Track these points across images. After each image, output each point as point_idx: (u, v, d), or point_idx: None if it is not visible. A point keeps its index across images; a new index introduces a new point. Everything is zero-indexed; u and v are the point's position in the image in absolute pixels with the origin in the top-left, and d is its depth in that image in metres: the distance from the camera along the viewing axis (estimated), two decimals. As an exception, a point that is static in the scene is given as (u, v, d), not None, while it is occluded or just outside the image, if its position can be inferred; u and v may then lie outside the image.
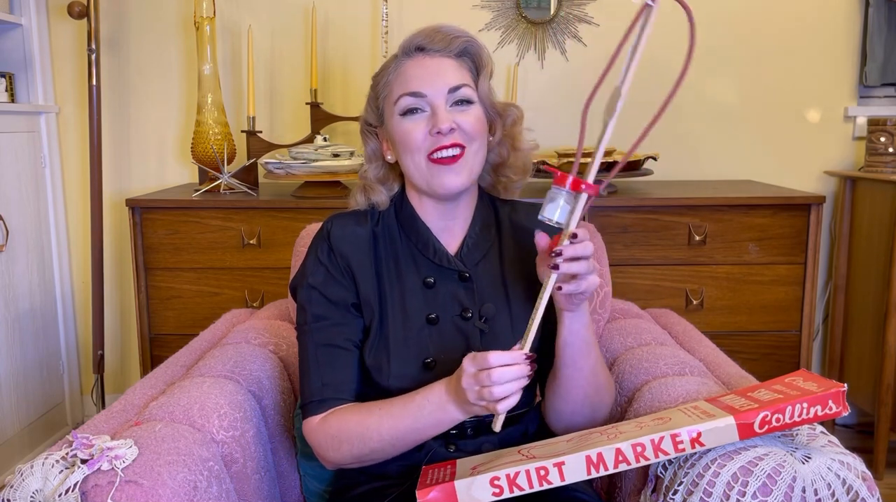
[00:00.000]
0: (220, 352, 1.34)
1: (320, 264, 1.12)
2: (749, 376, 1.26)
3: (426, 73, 1.07)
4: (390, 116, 1.10)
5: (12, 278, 2.24)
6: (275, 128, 2.51)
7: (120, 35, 2.47)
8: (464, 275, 1.12)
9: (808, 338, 2.15)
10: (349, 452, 1.06)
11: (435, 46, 1.09)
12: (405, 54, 1.10)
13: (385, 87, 1.11)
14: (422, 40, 1.09)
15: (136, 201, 2.09)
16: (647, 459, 0.92)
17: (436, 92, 1.06)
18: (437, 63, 1.08)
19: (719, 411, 0.95)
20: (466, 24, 2.38)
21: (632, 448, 0.92)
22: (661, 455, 0.92)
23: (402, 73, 1.09)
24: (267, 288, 2.12)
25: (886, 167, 2.24)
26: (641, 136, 0.92)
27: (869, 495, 0.89)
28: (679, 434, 0.91)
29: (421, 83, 1.07)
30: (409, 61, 1.09)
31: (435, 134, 1.05)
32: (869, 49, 2.42)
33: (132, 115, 2.51)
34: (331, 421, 1.07)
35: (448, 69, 1.08)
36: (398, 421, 1.02)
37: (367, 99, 1.16)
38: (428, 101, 1.07)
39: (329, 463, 1.10)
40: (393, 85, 1.09)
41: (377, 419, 1.03)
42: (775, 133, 2.52)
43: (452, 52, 1.09)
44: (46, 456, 0.92)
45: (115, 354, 2.60)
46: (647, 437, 0.92)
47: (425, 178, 1.08)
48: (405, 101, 1.07)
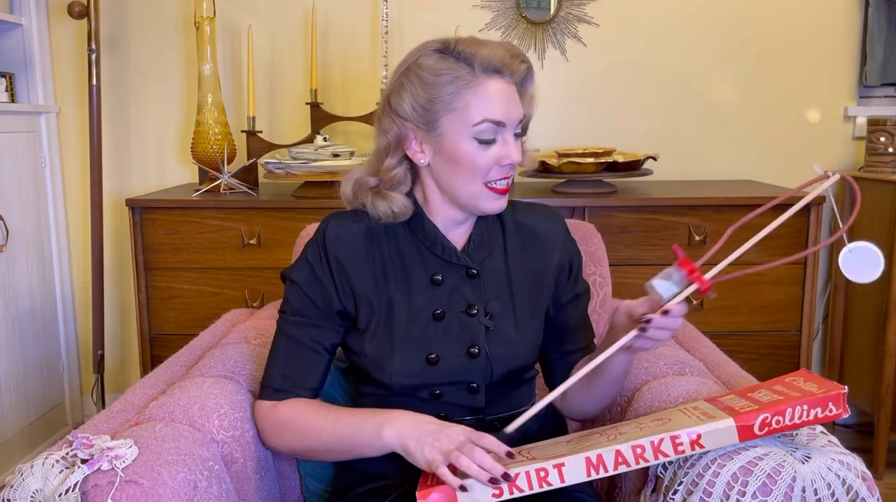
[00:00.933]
0: (220, 352, 1.34)
1: (307, 262, 1.13)
2: (749, 376, 1.26)
3: (506, 100, 1.05)
4: (457, 133, 1.05)
5: (12, 278, 2.24)
6: (275, 128, 2.51)
7: (120, 35, 2.47)
8: (471, 271, 1.12)
9: (808, 338, 2.15)
10: (288, 444, 1.11)
11: (509, 72, 1.06)
12: (484, 72, 1.04)
13: (455, 96, 1.04)
14: (500, 62, 1.05)
15: (136, 201, 2.09)
16: (647, 460, 0.92)
17: (512, 124, 1.06)
18: (510, 90, 1.07)
19: (720, 412, 0.95)
20: (466, 23, 2.41)
21: (631, 450, 0.92)
22: (660, 456, 0.92)
23: (484, 94, 1.04)
24: (267, 288, 2.12)
25: (886, 167, 2.24)
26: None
27: (869, 495, 0.89)
28: (679, 435, 0.91)
29: (504, 113, 1.05)
30: (490, 81, 1.04)
31: (505, 165, 1.06)
32: (869, 49, 2.42)
33: (132, 115, 2.51)
34: (281, 409, 1.11)
35: (516, 100, 1.08)
36: (341, 428, 1.05)
37: (399, 86, 1.07)
38: (505, 132, 1.06)
39: (269, 447, 1.16)
40: (469, 100, 1.03)
41: (323, 421, 1.07)
42: (775, 133, 2.52)
43: (517, 78, 1.08)
44: (46, 456, 0.92)
45: (115, 354, 2.60)
46: (646, 439, 0.92)
47: (472, 199, 1.08)
48: (487, 128, 1.04)
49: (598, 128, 2.50)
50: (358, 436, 1.04)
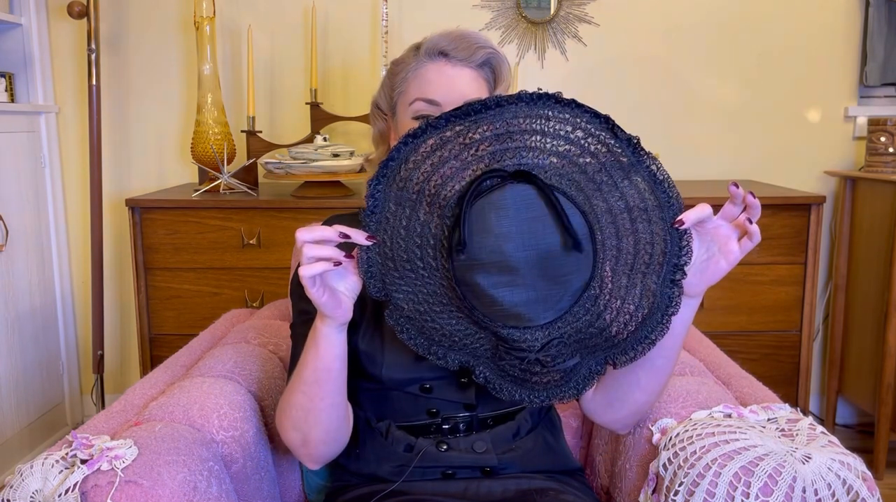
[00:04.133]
0: (220, 352, 1.34)
1: None
2: (749, 376, 1.26)
3: (445, 80, 1.07)
4: (402, 113, 1.11)
5: (12, 278, 2.24)
6: (275, 129, 2.51)
7: (120, 35, 2.47)
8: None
9: (808, 338, 2.15)
10: (282, 427, 1.05)
11: (458, 55, 1.07)
12: (427, 55, 1.09)
13: (402, 82, 1.11)
14: (446, 45, 1.08)
15: (136, 201, 2.09)
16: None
17: (450, 102, 1.06)
18: (457, 72, 1.08)
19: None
20: (466, 23, 2.41)
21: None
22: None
23: (422, 76, 1.08)
24: (267, 288, 2.12)
25: (886, 167, 2.24)
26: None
27: (869, 495, 0.89)
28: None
29: (437, 91, 1.07)
30: (430, 64, 1.08)
31: None
32: (869, 49, 2.42)
33: (132, 115, 2.51)
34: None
35: (466, 80, 1.08)
36: (297, 378, 1.01)
37: (381, 83, 1.17)
38: (441, 109, 1.06)
39: (287, 441, 1.08)
40: (410, 84, 1.09)
41: (291, 380, 1.03)
42: (775, 133, 2.52)
43: (474, 62, 1.09)
44: (46, 456, 0.92)
45: (115, 354, 2.60)
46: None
47: None
48: (418, 106, 1.08)
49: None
50: (305, 367, 0.99)
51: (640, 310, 0.89)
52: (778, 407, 1.09)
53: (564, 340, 0.89)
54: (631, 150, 0.88)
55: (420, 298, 0.91)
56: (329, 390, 1.00)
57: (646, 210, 0.88)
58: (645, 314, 0.89)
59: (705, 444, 0.96)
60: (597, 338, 0.90)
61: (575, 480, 1.16)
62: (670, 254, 0.89)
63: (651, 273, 0.89)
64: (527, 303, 0.86)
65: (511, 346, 0.89)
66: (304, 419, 1.03)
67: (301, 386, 1.00)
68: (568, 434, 1.34)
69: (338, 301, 0.92)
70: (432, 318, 0.91)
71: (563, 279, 0.86)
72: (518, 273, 0.85)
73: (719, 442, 0.95)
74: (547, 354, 0.88)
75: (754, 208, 0.90)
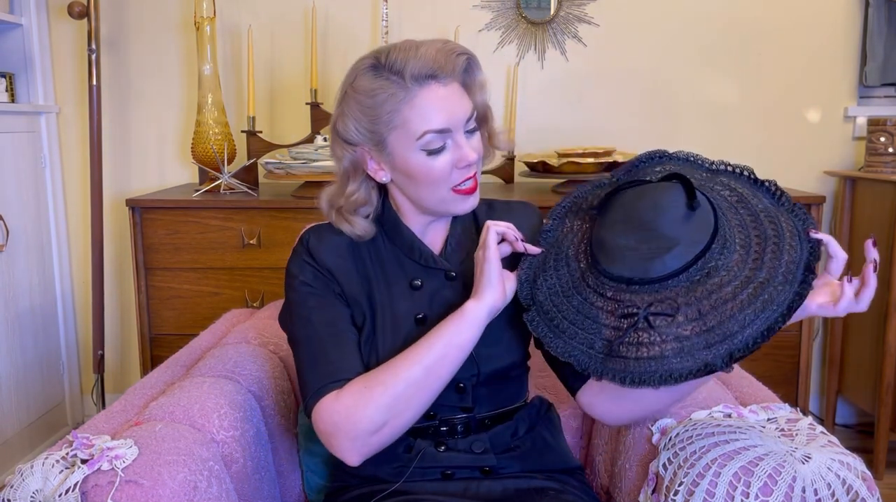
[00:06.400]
0: (220, 352, 1.34)
1: (306, 265, 1.12)
2: (749, 376, 1.26)
3: (443, 104, 1.03)
4: (405, 148, 1.04)
5: (12, 278, 2.24)
6: (275, 129, 2.51)
7: (120, 35, 2.47)
8: (450, 274, 1.13)
9: (808, 338, 2.15)
10: (375, 405, 1.00)
11: (444, 72, 1.03)
12: (415, 82, 1.02)
13: (393, 114, 1.03)
14: (432, 66, 1.03)
15: (136, 201, 2.09)
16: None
17: (458, 126, 1.05)
18: (449, 92, 1.04)
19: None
20: (466, 23, 2.41)
21: None
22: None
23: (420, 106, 1.02)
24: (267, 288, 2.12)
25: (886, 167, 2.24)
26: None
27: (869, 495, 0.89)
28: None
29: (441, 118, 1.03)
30: (423, 91, 1.02)
31: (462, 167, 1.05)
32: (869, 49, 2.42)
33: (132, 115, 2.51)
34: (352, 385, 1.02)
35: (460, 98, 1.06)
36: (424, 350, 1.03)
37: (341, 113, 1.07)
38: (450, 134, 1.05)
39: (348, 440, 1.01)
40: (407, 115, 1.03)
41: (402, 358, 1.03)
42: (775, 133, 2.52)
43: (458, 73, 1.06)
44: (46, 456, 0.92)
45: (115, 354, 2.60)
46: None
47: (441, 205, 1.09)
48: (432, 139, 1.03)
49: (598, 128, 2.50)
50: (444, 338, 1.02)
51: (758, 290, 0.92)
52: (778, 407, 1.09)
53: (672, 299, 0.94)
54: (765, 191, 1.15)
55: (556, 289, 1.04)
56: (448, 371, 1.03)
57: (773, 217, 1.02)
58: (765, 300, 0.91)
59: (705, 444, 0.96)
60: (706, 302, 0.92)
61: (575, 479, 1.16)
62: (799, 256, 0.94)
63: (778, 267, 0.93)
64: (643, 256, 0.96)
65: (624, 309, 0.96)
66: (406, 397, 1.01)
67: (424, 361, 1.02)
68: (568, 434, 1.34)
69: (503, 289, 1.05)
70: (562, 308, 1.02)
71: (682, 240, 0.95)
72: (641, 228, 0.97)
73: (719, 442, 0.96)
74: (656, 311, 0.93)
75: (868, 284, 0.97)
